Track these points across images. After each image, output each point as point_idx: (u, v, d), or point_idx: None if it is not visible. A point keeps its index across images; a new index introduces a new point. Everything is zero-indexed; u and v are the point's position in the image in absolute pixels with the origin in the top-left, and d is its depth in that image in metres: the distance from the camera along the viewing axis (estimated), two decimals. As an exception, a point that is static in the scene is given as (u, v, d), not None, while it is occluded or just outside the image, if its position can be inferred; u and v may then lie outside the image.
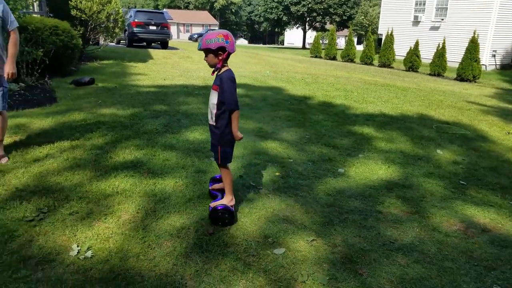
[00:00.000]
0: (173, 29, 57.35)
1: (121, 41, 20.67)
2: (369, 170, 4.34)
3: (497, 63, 20.28)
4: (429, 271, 2.61)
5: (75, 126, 5.00)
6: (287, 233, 2.92)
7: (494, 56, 19.98)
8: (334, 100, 8.10)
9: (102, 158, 4.02)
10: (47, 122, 5.07)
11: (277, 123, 5.90)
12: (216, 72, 2.92)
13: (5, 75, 3.67)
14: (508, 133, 6.58)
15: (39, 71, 7.53)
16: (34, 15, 9.78)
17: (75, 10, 10.88)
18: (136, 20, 17.97)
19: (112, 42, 14.72)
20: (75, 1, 10.89)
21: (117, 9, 12.06)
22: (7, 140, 4.27)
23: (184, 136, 4.91)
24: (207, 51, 2.83)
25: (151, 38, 18.84)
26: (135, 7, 64.90)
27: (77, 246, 2.55)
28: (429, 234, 3.10)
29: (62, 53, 8.34)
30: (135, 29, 17.97)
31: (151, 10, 27.84)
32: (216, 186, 3.36)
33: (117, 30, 12.44)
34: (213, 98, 2.94)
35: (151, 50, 16.84)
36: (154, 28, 18.49)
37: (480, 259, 2.81)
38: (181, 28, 66.19)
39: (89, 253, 2.49)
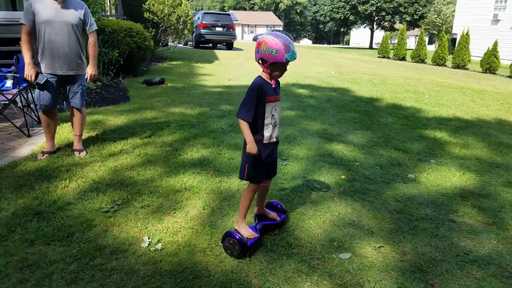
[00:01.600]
0: (237, 30, 58.49)
1: (189, 42, 21.43)
2: (442, 177, 4.10)
3: None
4: (507, 286, 2.43)
5: (147, 123, 5.30)
6: (354, 238, 2.85)
7: None
8: (404, 103, 7.76)
9: (171, 155, 4.22)
10: (121, 119, 5.42)
11: (342, 125, 5.78)
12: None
13: (88, 76, 3.97)
14: None
15: (114, 70, 8.05)
16: (111, 18, 10.46)
17: (148, 13, 11.48)
18: (203, 22, 18.52)
19: (180, 43, 15.33)
20: (148, 4, 11.48)
21: (187, 11, 12.52)
22: (86, 135, 4.61)
23: (249, 136, 4.98)
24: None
25: (217, 39, 19.27)
26: (202, 9, 67.15)
27: (148, 238, 2.69)
28: (508, 247, 2.87)
29: (135, 54, 8.81)
30: (202, 30, 18.53)
31: (218, 12, 28.58)
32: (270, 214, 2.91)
33: (186, 32, 12.93)
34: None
35: (216, 51, 17.31)
36: (220, 29, 18.94)
37: None
38: (246, 29, 67.27)
39: (159, 246, 2.61)
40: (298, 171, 4.01)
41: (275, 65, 2.41)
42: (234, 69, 11.72)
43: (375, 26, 39.74)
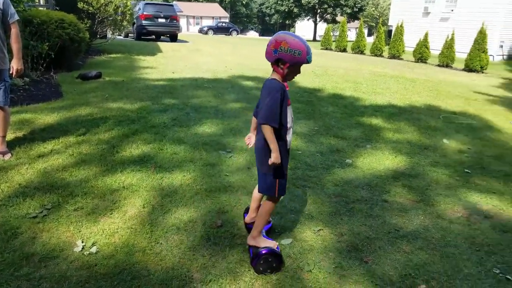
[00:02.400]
0: (182, 22, 57.19)
1: (129, 34, 20.65)
2: (377, 160, 4.34)
3: (504, 54, 19.98)
4: (432, 257, 2.65)
5: (81, 121, 5.03)
6: (295, 224, 2.94)
7: (501, 47, 19.69)
8: (344, 92, 8.06)
9: (108, 153, 4.05)
10: (52, 118, 5.08)
11: (285, 115, 5.88)
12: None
13: (13, 72, 3.66)
14: None
15: (44, 65, 7.53)
16: (40, 8, 9.79)
17: (82, 3, 10.86)
18: (144, 13, 17.84)
19: (120, 35, 14.73)
20: (82, -6, 10.89)
21: (125, 1, 12.01)
22: (11, 136, 4.22)
23: (193, 130, 4.95)
24: None
25: (160, 31, 18.67)
26: None
27: (82, 242, 2.56)
28: (434, 222, 3.12)
29: (68, 46, 8.26)
30: (143, 22, 17.85)
31: (160, 2, 27.71)
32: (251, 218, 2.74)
33: (125, 23, 12.41)
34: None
35: (160, 43, 16.85)
36: (163, 20, 18.36)
37: (482, 245, 2.85)
38: (191, 20, 65.94)
39: (94, 249, 2.50)
40: (242, 162, 4.05)
41: (294, 66, 2.25)
42: (178, 61, 11.49)
43: (318, 19, 40.68)
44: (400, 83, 9.87)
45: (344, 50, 21.98)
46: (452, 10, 21.29)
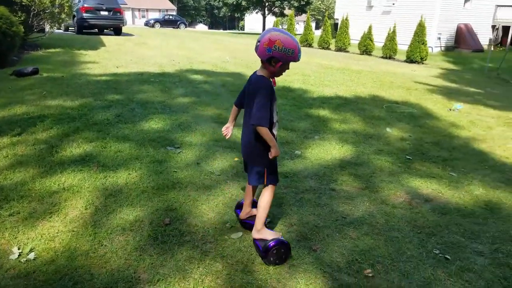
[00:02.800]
0: (127, 15, 55.20)
1: (70, 28, 19.62)
2: (324, 151, 4.44)
3: (442, 45, 21.25)
4: (377, 242, 2.75)
5: (16, 120, 4.68)
6: (245, 217, 2.93)
7: (439, 38, 20.91)
8: (293, 85, 8.16)
9: (47, 154, 3.81)
10: (-15, 118, 4.74)
11: (234, 109, 5.86)
12: None
13: None
14: (450, 110, 6.98)
15: (-26, 62, 6.99)
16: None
17: (14, -6, 10.16)
18: (85, 5, 17.01)
19: (60, 29, 13.94)
20: (14, -15, 10.16)
21: (62, -7, 11.38)
22: None
23: (139, 126, 4.78)
24: None
25: (103, 24, 17.93)
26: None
27: (18, 249, 2.40)
28: (378, 207, 3.25)
29: (1, 41, 7.76)
30: (84, 14, 17.04)
31: (102, -6, 26.48)
32: (246, 213, 2.76)
33: (63, 16, 11.74)
34: None
35: (103, 37, 16.14)
36: (105, 13, 17.61)
37: (423, 227, 3.00)
38: (137, 13, 63.80)
39: (31, 255, 2.35)
40: (191, 158, 3.97)
41: (286, 65, 2.30)
42: (122, 55, 11.06)
43: (266, 12, 40.85)
44: (346, 75, 10.17)
45: (293, 43, 22.26)
46: (393, 4, 22.24)
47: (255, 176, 2.49)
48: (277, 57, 2.22)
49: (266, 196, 2.50)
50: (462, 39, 21.31)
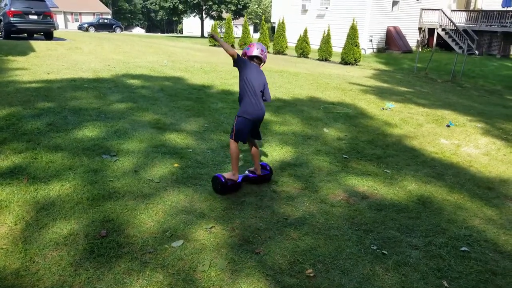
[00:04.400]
0: (59, 18, 52.36)
1: (-4, 33, 18.28)
2: (265, 153, 4.51)
3: (374, 47, 22.47)
4: (318, 241, 2.84)
5: None
6: (186, 224, 2.91)
7: (371, 41, 22.09)
8: (232, 88, 8.18)
9: (-30, 167, 3.53)
10: None
11: (175, 114, 5.78)
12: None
13: None
14: (382, 109, 7.38)
15: None
16: None
17: None
18: (12, 9, 16.06)
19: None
20: None
21: (-15, -4, 10.57)
22: None
23: (72, 135, 4.55)
24: None
25: (32, 29, 17.06)
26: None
27: None
28: (318, 207, 3.36)
29: None
30: (12, 19, 16.06)
31: (30, -3, 24.91)
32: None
33: (-13, 20, 10.91)
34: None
35: (33, 42, 15.17)
36: (35, 17, 16.70)
37: (360, 224, 3.15)
38: (69, 17, 60.58)
39: (-46, 277, 2.19)
40: (129, 165, 3.86)
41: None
42: (54, 61, 10.44)
43: (204, 15, 40.67)
44: (284, 77, 10.41)
45: (232, 47, 22.32)
46: (327, 8, 23.12)
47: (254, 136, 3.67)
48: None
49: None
50: (392, 41, 22.64)
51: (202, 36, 39.65)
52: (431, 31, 22.95)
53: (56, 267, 2.35)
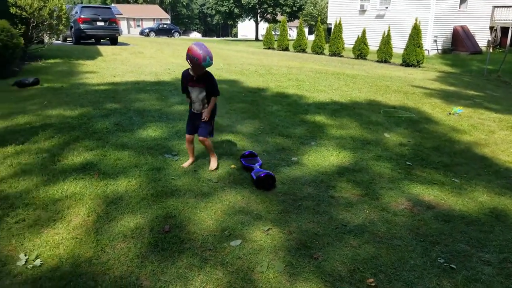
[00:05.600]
0: (123, 24, 55.37)
1: (68, 39, 19.81)
2: (321, 157, 4.46)
3: (438, 48, 21.39)
4: (379, 250, 2.74)
5: (19, 130, 4.74)
6: (244, 224, 2.95)
7: (435, 41, 21.05)
8: (287, 91, 8.21)
9: (49, 162, 3.85)
10: (-13, 128, 4.77)
11: (231, 116, 5.90)
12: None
13: None
14: (449, 113, 6.99)
15: (-24, 74, 7.03)
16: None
17: (14, 8, 10.24)
18: (82, 16, 17.36)
19: (58, 40, 14.03)
20: (14, -2, 10.24)
21: (60, 5, 11.47)
22: None
23: (137, 134, 4.81)
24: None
25: (99, 34, 18.29)
26: (82, 2, 62.06)
27: (25, 255, 2.44)
28: (379, 215, 3.25)
29: (2, 53, 7.87)
30: (81, 25, 17.37)
31: (97, 5, 26.77)
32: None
33: (61, 27, 11.84)
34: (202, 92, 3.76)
35: (100, 47, 16.23)
36: (102, 24, 17.93)
37: (426, 235, 2.99)
38: (132, 23, 64.04)
39: (37, 262, 2.39)
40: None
41: (195, 66, 3.55)
42: (119, 65, 11.10)
43: (259, 19, 41.08)
44: (341, 80, 10.23)
45: (286, 49, 22.43)
46: (387, 7, 22.43)
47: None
48: (189, 60, 3.50)
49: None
50: (459, 41, 21.45)
51: (257, 39, 40.06)
52: (504, 30, 21.39)
53: (124, 258, 2.49)
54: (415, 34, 16.00)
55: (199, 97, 3.75)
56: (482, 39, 22.52)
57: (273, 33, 23.90)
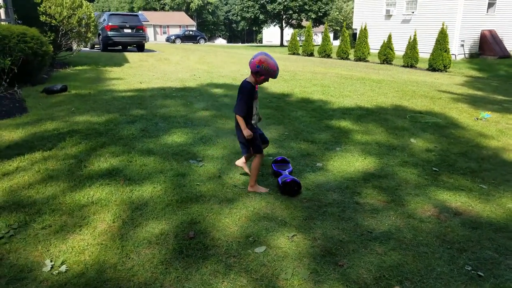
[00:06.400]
0: (149, 31, 56.71)
1: (96, 46, 20.38)
2: (346, 163, 4.40)
3: (465, 53, 20.84)
4: (405, 257, 2.68)
5: (47, 136, 4.88)
6: (268, 231, 2.93)
7: (462, 46, 20.52)
8: (312, 96, 8.15)
9: (76, 168, 3.93)
10: (17, 134, 4.93)
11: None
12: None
13: None
14: (477, 119, 6.78)
15: (7, 80, 7.28)
16: (1, 23, 9.48)
17: (44, 16, 10.62)
18: (110, 24, 17.76)
19: (86, 47, 14.45)
20: (44, 7, 10.62)
21: (88, 13, 11.81)
22: None
23: (162, 140, 4.87)
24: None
25: (127, 41, 18.65)
26: (109, 10, 63.96)
27: (51, 261, 2.47)
28: (405, 221, 3.17)
29: (32, 60, 8.09)
30: (109, 32, 17.78)
31: (125, 13, 27.48)
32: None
33: (89, 34, 12.19)
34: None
35: (126, 54, 16.62)
36: (129, 31, 18.31)
37: (453, 242, 2.90)
38: (158, 30, 65.46)
39: (63, 268, 2.42)
40: (213, 171, 4.02)
41: (266, 78, 3.46)
42: (146, 71, 11.33)
43: (284, 24, 41.18)
44: (366, 85, 10.09)
45: (311, 54, 22.34)
46: (413, 12, 22.05)
47: (241, 146, 3.75)
48: (261, 72, 3.38)
49: (255, 161, 3.59)
50: (487, 46, 20.84)
51: (282, 45, 40.12)
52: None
53: (149, 264, 2.50)
54: (442, 38, 15.65)
55: (258, 108, 3.65)
56: (511, 43, 21.80)
57: (298, 38, 23.86)
